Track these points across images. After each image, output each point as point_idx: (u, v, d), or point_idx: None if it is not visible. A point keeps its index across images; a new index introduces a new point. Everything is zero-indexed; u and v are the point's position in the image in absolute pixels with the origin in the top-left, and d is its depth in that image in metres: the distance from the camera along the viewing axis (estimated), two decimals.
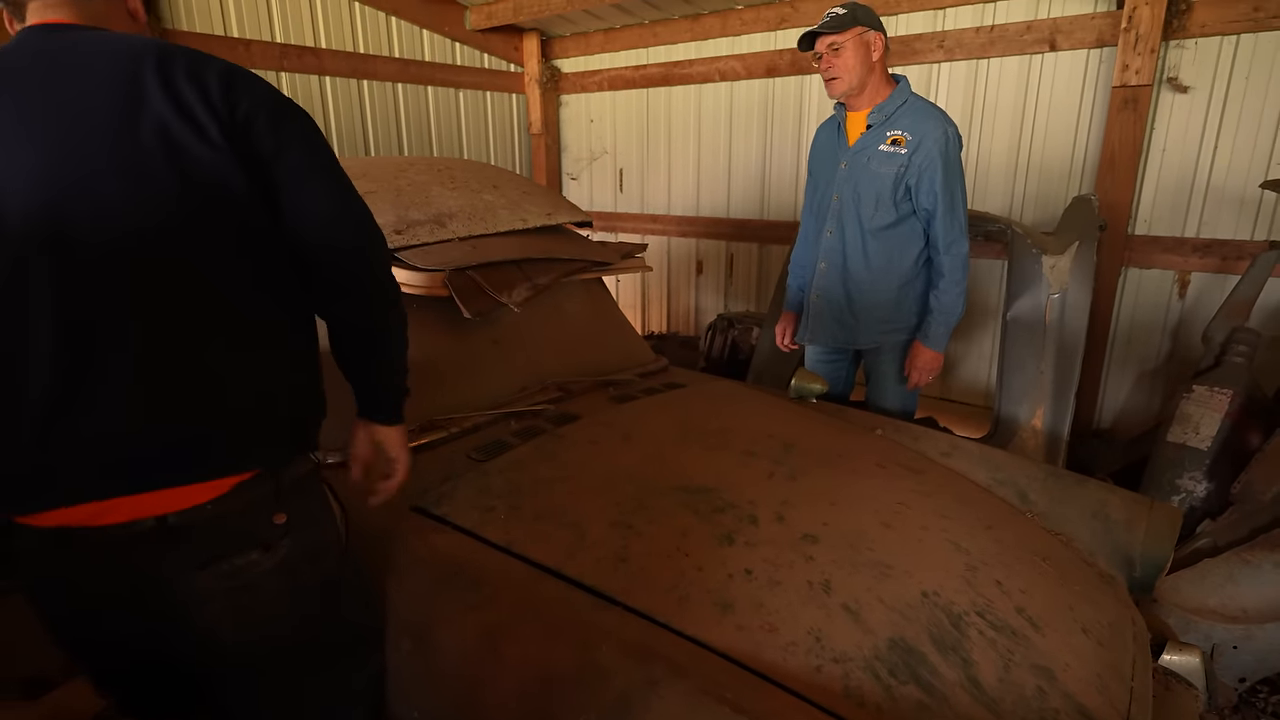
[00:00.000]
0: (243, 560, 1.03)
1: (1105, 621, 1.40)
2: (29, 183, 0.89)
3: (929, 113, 2.21)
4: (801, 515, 1.46)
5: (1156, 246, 3.18)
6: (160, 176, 0.92)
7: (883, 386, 2.51)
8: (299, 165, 1.03)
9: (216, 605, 1.03)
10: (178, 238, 0.95)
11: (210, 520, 1.01)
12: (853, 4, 2.18)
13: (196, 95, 0.94)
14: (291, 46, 3.83)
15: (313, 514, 1.16)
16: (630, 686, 1.03)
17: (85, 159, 0.90)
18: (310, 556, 1.13)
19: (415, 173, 2.20)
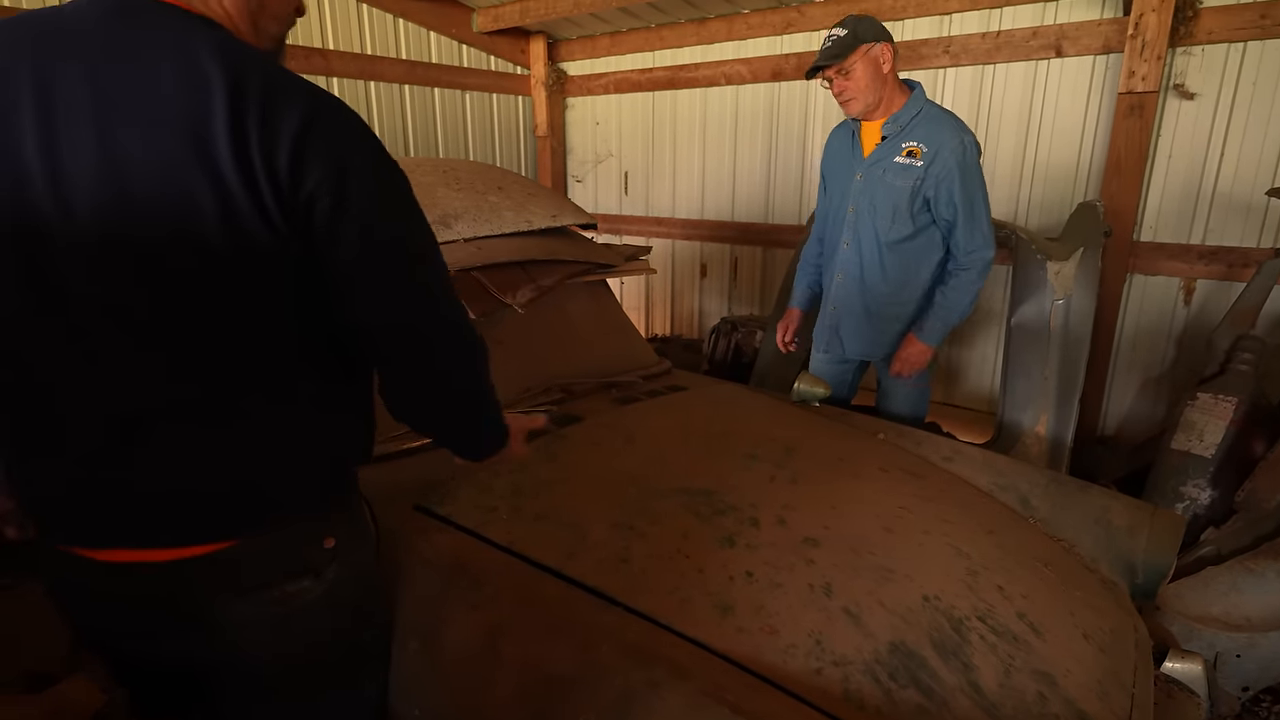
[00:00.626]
0: (294, 588, 0.99)
1: (1107, 628, 1.40)
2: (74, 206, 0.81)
3: (944, 122, 2.18)
4: (803, 518, 1.46)
5: (1162, 253, 3.17)
6: (211, 238, 0.83)
7: (895, 393, 2.51)
8: (352, 260, 0.90)
9: (256, 631, 0.99)
10: (229, 297, 0.88)
11: (261, 552, 0.97)
12: (852, 20, 2.13)
13: (262, 158, 0.82)
14: (299, 48, 3.85)
15: (357, 534, 1.12)
16: (631, 687, 1.04)
17: (136, 201, 0.81)
18: (353, 579, 1.09)
19: (421, 174, 2.21)
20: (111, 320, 0.85)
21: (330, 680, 1.11)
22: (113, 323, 0.85)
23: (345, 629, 1.10)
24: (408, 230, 0.97)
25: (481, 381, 1.14)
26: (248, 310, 0.89)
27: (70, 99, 0.80)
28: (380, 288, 0.93)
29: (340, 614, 1.07)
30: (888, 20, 3.69)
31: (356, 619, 1.12)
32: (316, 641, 1.05)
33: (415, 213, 0.99)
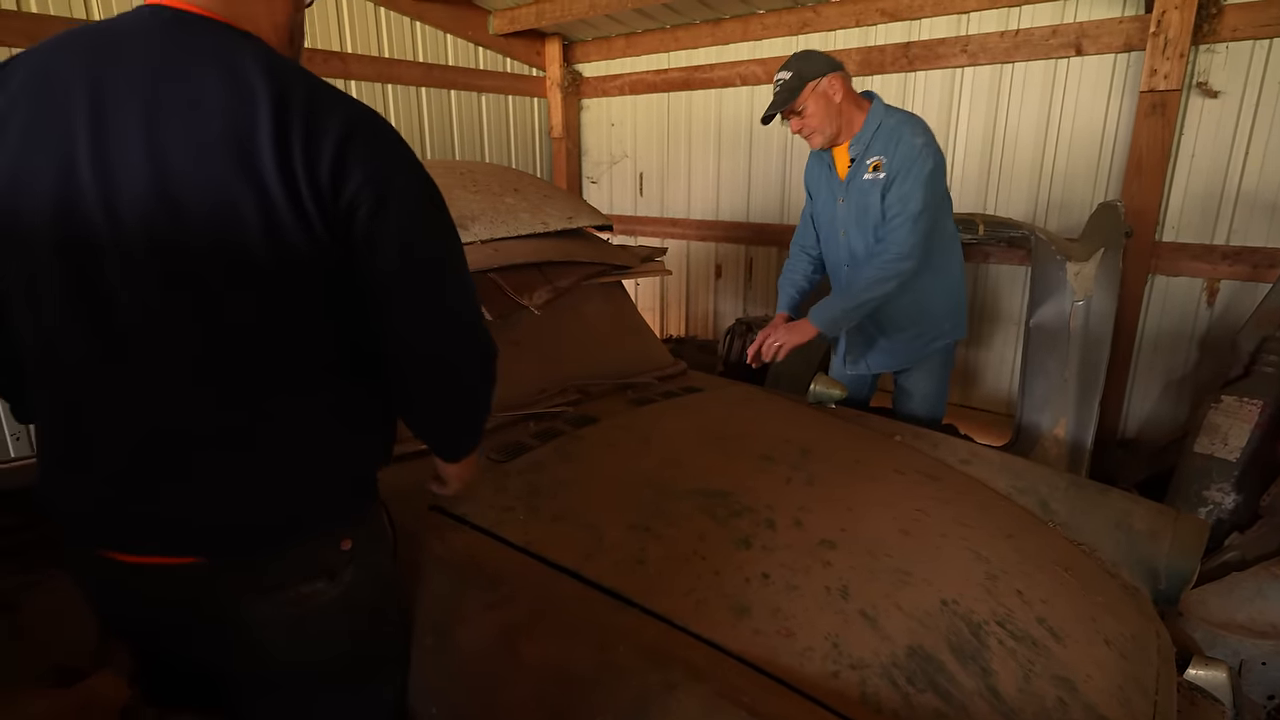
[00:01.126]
0: (309, 589, 1.00)
1: (1128, 634, 1.38)
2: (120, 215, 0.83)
3: (900, 128, 2.18)
4: (819, 521, 1.46)
5: (1184, 254, 3.12)
6: (254, 250, 0.85)
7: (911, 392, 2.50)
8: (392, 273, 0.93)
9: (274, 630, 1.00)
10: (268, 308, 0.90)
11: (280, 556, 0.99)
12: (795, 61, 2.18)
13: (305, 168, 0.84)
14: (318, 51, 3.89)
15: (374, 538, 1.14)
16: (648, 689, 1.04)
17: (183, 212, 0.83)
18: (369, 581, 1.10)
19: (437, 175, 2.21)
20: (152, 331, 0.86)
21: (346, 680, 1.12)
22: (153, 333, 0.86)
23: (362, 630, 1.11)
24: (447, 249, 1.01)
25: (490, 390, 1.16)
26: (284, 321, 0.91)
27: (121, 110, 0.82)
28: (417, 308, 0.96)
29: (357, 616, 1.09)
30: (905, 19, 3.67)
31: (373, 620, 1.14)
32: (332, 642, 1.07)
33: (451, 229, 1.03)
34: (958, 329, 2.41)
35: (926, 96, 3.73)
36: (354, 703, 1.15)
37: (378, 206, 0.88)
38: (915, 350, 2.43)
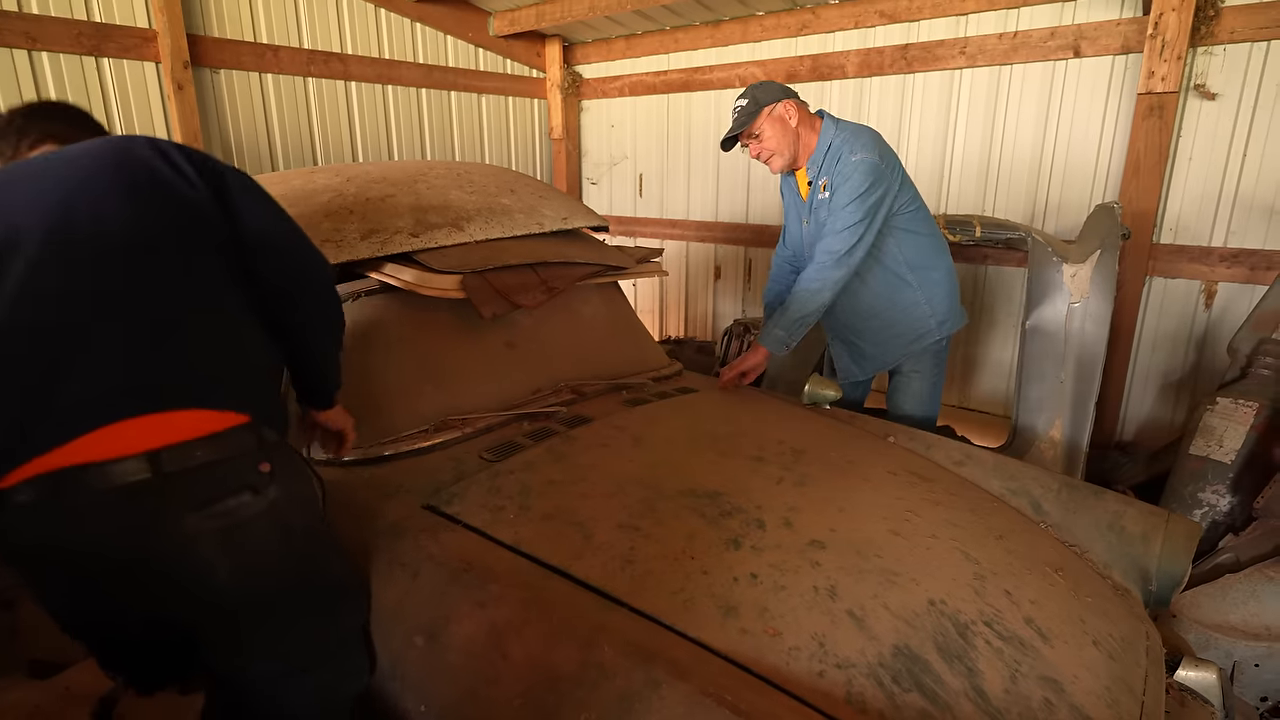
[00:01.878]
0: (235, 501, 1.13)
1: (1117, 635, 1.38)
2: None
3: (841, 148, 2.21)
4: (809, 521, 1.46)
5: (1182, 256, 3.12)
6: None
7: (904, 390, 2.52)
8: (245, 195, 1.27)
9: (210, 545, 1.11)
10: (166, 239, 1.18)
11: (201, 466, 1.11)
12: (751, 90, 2.25)
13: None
14: (319, 52, 3.91)
15: (294, 469, 1.27)
16: (632, 687, 1.04)
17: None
18: (297, 503, 1.24)
19: (434, 176, 2.24)
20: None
21: (301, 608, 1.23)
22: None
23: (302, 556, 1.23)
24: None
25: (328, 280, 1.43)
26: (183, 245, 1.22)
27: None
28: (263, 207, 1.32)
29: (292, 539, 1.21)
30: (903, 21, 3.67)
31: (313, 550, 1.26)
32: (269, 556, 1.18)
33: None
34: (945, 325, 2.42)
35: (925, 98, 3.73)
36: (313, 634, 1.24)
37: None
38: (899, 350, 2.45)
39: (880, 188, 2.17)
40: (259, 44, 3.68)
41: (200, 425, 1.13)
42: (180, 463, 1.10)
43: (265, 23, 3.72)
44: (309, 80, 3.92)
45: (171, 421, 1.12)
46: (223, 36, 3.55)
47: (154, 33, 3.29)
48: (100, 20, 3.15)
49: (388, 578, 1.36)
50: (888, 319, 2.41)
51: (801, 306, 2.22)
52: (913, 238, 2.34)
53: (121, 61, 3.24)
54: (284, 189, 2.05)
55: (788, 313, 2.24)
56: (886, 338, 2.44)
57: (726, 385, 2.27)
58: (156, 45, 3.30)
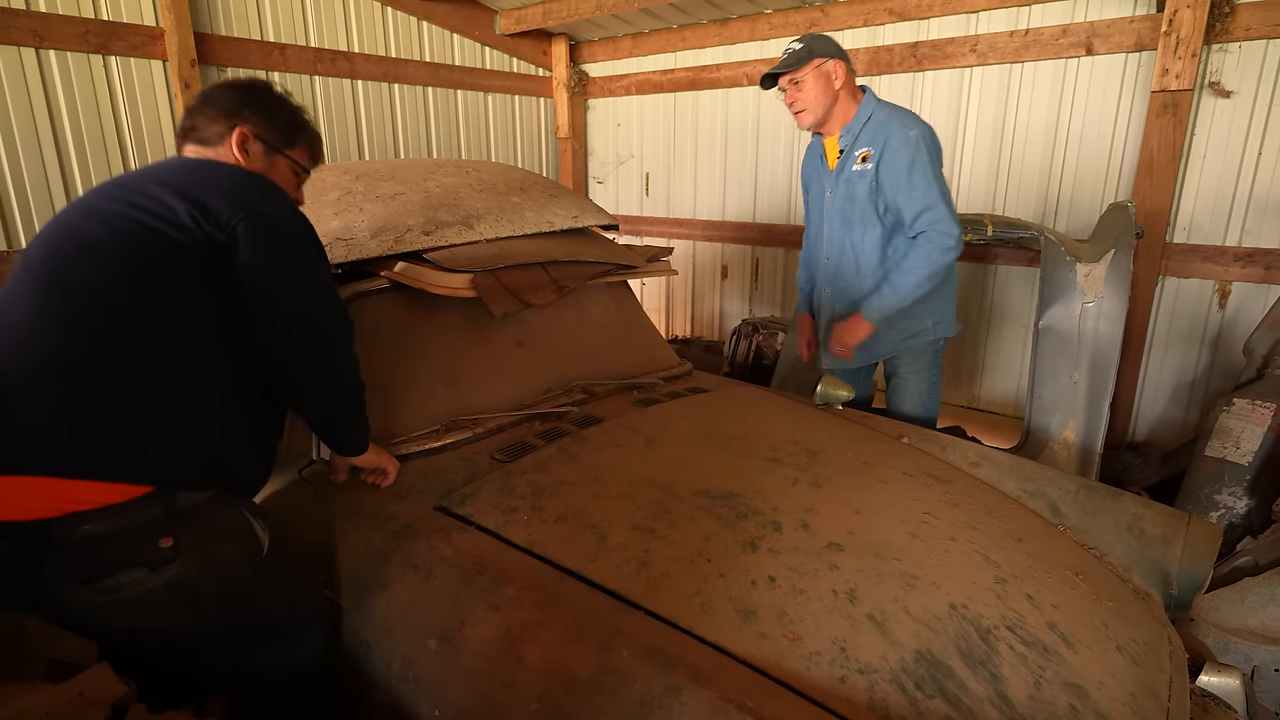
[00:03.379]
0: (126, 578, 1.09)
1: (1140, 640, 1.36)
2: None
3: (890, 120, 2.18)
4: (826, 523, 1.44)
5: (1196, 255, 3.09)
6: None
7: (902, 391, 2.48)
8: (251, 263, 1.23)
9: (102, 614, 1.10)
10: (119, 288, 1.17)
11: (90, 537, 1.07)
12: (809, 37, 2.19)
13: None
14: (325, 51, 3.90)
15: (213, 533, 1.22)
16: (651, 693, 1.02)
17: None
18: (212, 570, 1.19)
19: (444, 175, 2.22)
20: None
21: (230, 649, 1.26)
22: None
23: (218, 618, 1.22)
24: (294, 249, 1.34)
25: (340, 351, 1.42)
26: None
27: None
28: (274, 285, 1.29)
29: (202, 606, 1.19)
30: (913, 19, 3.65)
31: (228, 601, 1.23)
32: (173, 624, 1.17)
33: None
34: (942, 326, 2.38)
35: (935, 96, 3.71)
36: (251, 666, 1.28)
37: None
38: (890, 343, 2.40)
39: (940, 159, 2.17)
40: (266, 42, 3.67)
41: (86, 496, 1.08)
42: (67, 534, 1.06)
43: (272, 21, 3.71)
44: (316, 79, 3.91)
45: (49, 490, 1.07)
46: (230, 35, 3.54)
47: (161, 31, 3.28)
48: (108, 18, 3.14)
49: (400, 580, 1.34)
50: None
51: (905, 294, 2.17)
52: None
53: (129, 60, 3.23)
54: None
55: (896, 300, 2.19)
56: (882, 329, 2.39)
57: (839, 354, 2.32)
58: (164, 43, 3.29)
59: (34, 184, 3.02)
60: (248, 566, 1.26)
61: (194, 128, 1.40)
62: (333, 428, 1.46)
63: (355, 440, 1.49)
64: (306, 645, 1.34)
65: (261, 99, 1.43)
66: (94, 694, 0.88)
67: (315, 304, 1.31)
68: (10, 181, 2.97)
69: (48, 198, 3.07)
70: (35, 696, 0.87)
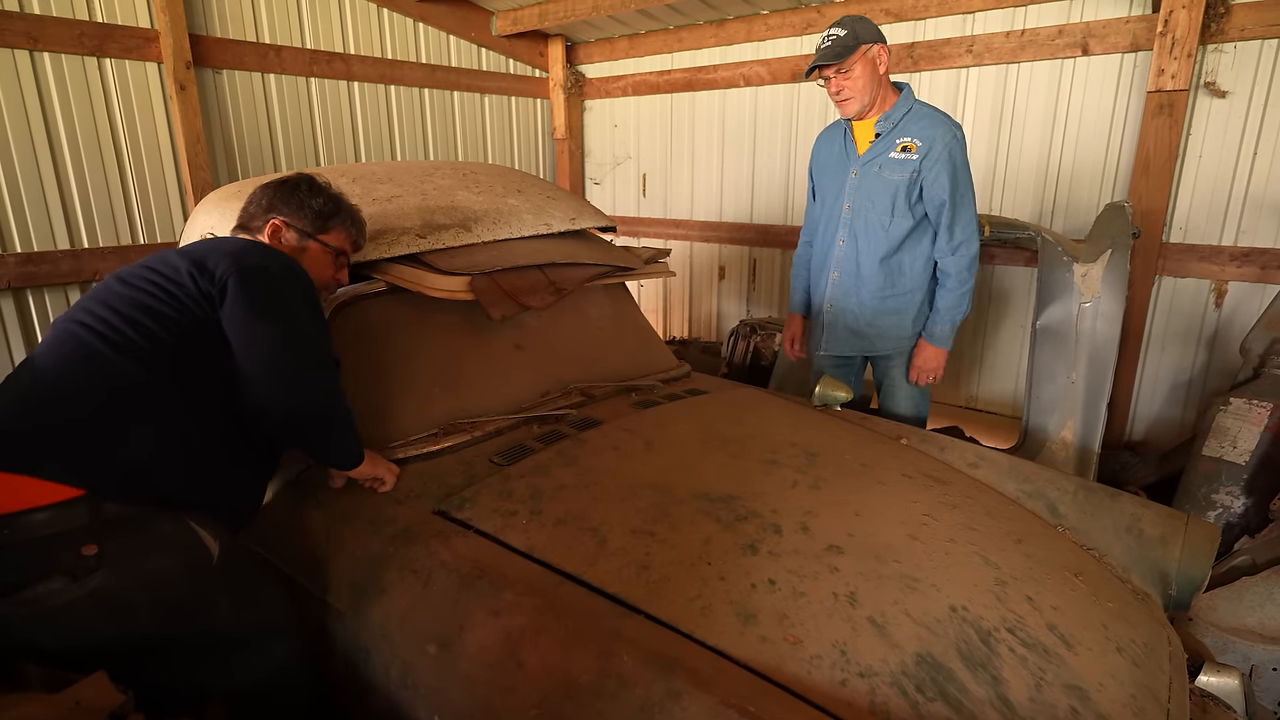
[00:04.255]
0: (43, 589, 1.05)
1: (1140, 641, 1.36)
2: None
3: (936, 118, 2.21)
4: (826, 525, 1.44)
5: (1192, 255, 3.10)
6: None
7: (896, 392, 2.49)
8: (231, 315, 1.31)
9: (25, 627, 1.06)
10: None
11: (10, 545, 1.05)
12: (850, 20, 2.17)
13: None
14: (321, 52, 3.89)
15: (145, 544, 1.18)
16: (652, 697, 1.02)
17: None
18: (144, 581, 1.15)
19: (440, 176, 2.22)
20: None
21: (181, 657, 1.24)
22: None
23: (153, 627, 1.18)
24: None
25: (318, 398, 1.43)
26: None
27: None
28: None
29: (130, 610, 1.14)
30: (909, 20, 3.65)
31: (172, 619, 1.20)
32: (101, 634, 1.12)
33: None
34: None
35: (931, 97, 3.71)
36: (212, 674, 1.26)
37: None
38: (883, 340, 2.42)
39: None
40: (261, 44, 3.66)
41: (14, 496, 1.06)
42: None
43: (268, 23, 3.69)
44: (312, 81, 3.89)
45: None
46: (225, 37, 3.52)
47: (156, 33, 3.27)
48: (102, 20, 3.13)
49: (399, 585, 1.34)
50: (901, 303, 2.38)
51: (960, 307, 2.31)
52: (932, 236, 2.31)
53: (124, 62, 3.22)
54: None
55: (955, 313, 2.32)
56: (888, 323, 2.40)
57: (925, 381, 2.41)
58: (159, 45, 3.27)
59: (28, 187, 3.01)
60: (185, 577, 1.22)
61: (243, 224, 1.58)
62: (320, 457, 1.51)
63: (346, 461, 1.51)
64: (268, 657, 1.30)
65: (299, 192, 1.58)
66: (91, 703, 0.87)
67: (296, 349, 1.34)
68: (5, 185, 2.95)
69: (42, 201, 3.05)
70: (31, 706, 0.86)
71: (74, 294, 3.19)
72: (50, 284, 3.09)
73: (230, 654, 1.29)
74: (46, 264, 3.06)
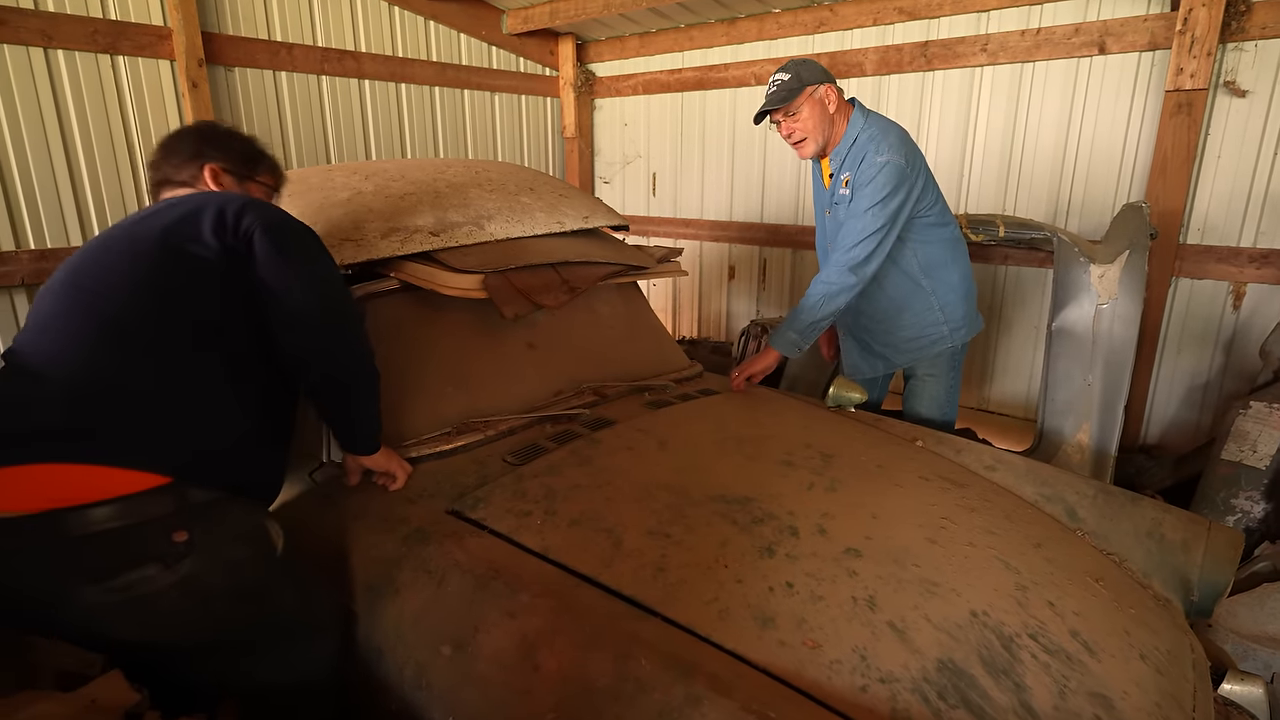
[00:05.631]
0: (138, 575, 1.07)
1: (1163, 648, 1.34)
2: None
3: (867, 145, 2.16)
4: (843, 528, 1.43)
5: (1210, 256, 3.06)
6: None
7: (919, 394, 2.47)
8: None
9: (110, 615, 1.07)
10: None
11: (101, 530, 1.06)
12: (794, 65, 2.17)
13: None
14: (332, 50, 3.89)
15: (226, 530, 1.21)
16: (671, 702, 1.01)
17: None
18: (224, 569, 1.18)
19: (453, 174, 2.21)
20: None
21: (235, 651, 1.22)
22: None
23: (228, 617, 1.19)
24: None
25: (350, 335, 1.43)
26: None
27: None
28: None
29: (214, 604, 1.16)
30: (923, 18, 3.62)
31: (239, 601, 1.20)
32: (185, 623, 1.14)
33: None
34: (959, 332, 2.37)
35: (945, 96, 3.68)
36: (256, 668, 1.25)
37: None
38: (909, 353, 2.41)
39: (902, 193, 2.12)
40: (273, 42, 3.66)
41: (104, 484, 1.08)
42: (78, 528, 1.05)
43: (280, 20, 3.70)
44: (323, 78, 3.90)
45: (68, 476, 1.06)
46: (237, 34, 3.53)
47: (169, 30, 3.27)
48: (115, 18, 3.14)
49: (413, 585, 1.33)
50: (898, 321, 2.38)
51: (814, 311, 2.18)
52: (931, 241, 2.29)
53: (136, 59, 3.22)
54: (302, 187, 2.02)
55: (800, 316, 2.20)
56: (896, 340, 2.40)
57: (738, 388, 2.22)
58: (171, 43, 3.28)
59: (42, 184, 3.02)
60: (260, 567, 1.26)
61: (165, 179, 1.47)
62: (344, 415, 1.47)
63: (367, 432, 1.50)
64: (318, 650, 1.31)
65: (218, 136, 1.54)
66: (106, 702, 0.86)
67: (339, 294, 1.38)
68: (19, 181, 2.96)
69: (55, 198, 3.06)
70: (47, 705, 0.85)
71: None
72: None
73: (293, 645, 1.28)
74: (59, 260, 3.05)
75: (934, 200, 2.27)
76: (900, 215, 2.15)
